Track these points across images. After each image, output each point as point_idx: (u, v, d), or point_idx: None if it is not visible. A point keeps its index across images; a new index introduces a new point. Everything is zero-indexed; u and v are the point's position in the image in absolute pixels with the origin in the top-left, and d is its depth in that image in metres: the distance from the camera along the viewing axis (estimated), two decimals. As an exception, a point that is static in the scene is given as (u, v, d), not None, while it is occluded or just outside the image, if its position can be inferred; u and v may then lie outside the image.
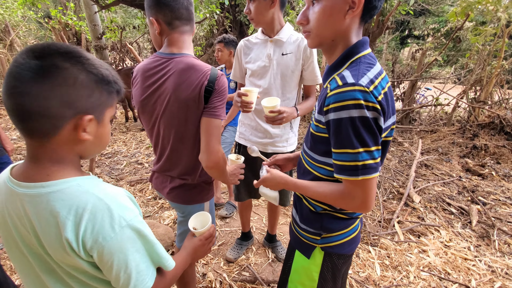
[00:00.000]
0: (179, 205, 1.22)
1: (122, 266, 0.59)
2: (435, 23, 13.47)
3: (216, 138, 1.01)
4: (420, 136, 4.53)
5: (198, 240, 0.92)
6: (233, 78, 1.75)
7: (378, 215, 2.59)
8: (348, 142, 0.71)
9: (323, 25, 0.76)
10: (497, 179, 3.28)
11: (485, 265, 2.04)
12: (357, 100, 0.68)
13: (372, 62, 0.77)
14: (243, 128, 1.75)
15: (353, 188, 0.74)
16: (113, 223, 0.57)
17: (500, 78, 4.40)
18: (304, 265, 0.95)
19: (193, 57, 1.05)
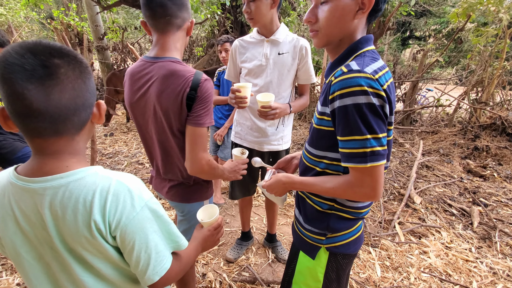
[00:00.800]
0: (178, 203, 1.22)
1: (143, 246, 0.61)
2: (436, 24, 13.45)
3: (200, 146, 1.00)
4: (421, 137, 4.51)
5: (207, 230, 0.93)
6: (227, 77, 1.76)
7: (378, 216, 2.58)
8: (356, 129, 0.70)
9: (333, 25, 0.76)
10: (499, 180, 3.27)
11: (487, 267, 2.02)
12: (362, 86, 0.68)
13: (375, 57, 0.78)
14: (238, 127, 1.76)
15: (361, 176, 0.73)
16: (134, 202, 0.60)
17: (501, 79, 4.39)
18: (309, 265, 0.95)
19: (176, 61, 1.01)
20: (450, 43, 4.78)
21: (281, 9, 5.60)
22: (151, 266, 0.63)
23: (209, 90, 0.99)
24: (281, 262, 2.03)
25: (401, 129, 4.91)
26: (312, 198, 0.93)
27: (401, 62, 10.09)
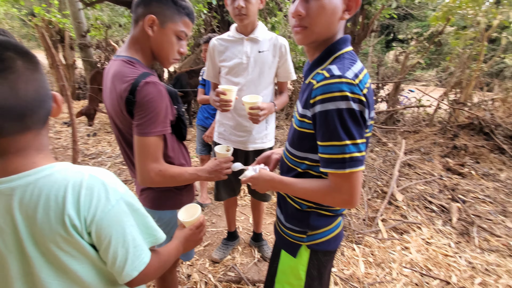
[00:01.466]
0: (148, 210, 1.16)
1: (120, 240, 0.60)
2: (418, 27, 13.88)
3: (146, 157, 0.92)
4: (404, 136, 4.64)
5: (189, 230, 0.91)
6: (206, 77, 1.74)
7: (362, 214, 2.63)
8: (335, 135, 0.71)
9: (324, 23, 0.76)
10: (476, 178, 3.40)
11: (465, 262, 2.10)
12: (343, 92, 0.69)
13: (354, 59, 0.78)
14: (221, 128, 1.74)
15: (340, 181, 0.74)
16: (109, 196, 0.58)
17: (479, 80, 4.57)
18: (291, 264, 0.95)
19: (127, 61, 0.94)
20: (430, 45, 4.95)
21: (267, 9, 5.62)
22: (129, 261, 0.62)
23: (150, 95, 0.88)
24: (267, 261, 2.03)
25: (384, 128, 5.03)
26: (292, 198, 0.94)
27: (385, 64, 10.34)
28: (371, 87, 0.81)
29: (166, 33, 0.95)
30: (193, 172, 1.06)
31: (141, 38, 0.96)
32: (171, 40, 0.96)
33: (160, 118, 0.92)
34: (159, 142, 0.95)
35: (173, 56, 1.00)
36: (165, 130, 0.95)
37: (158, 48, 0.97)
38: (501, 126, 3.91)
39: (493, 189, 3.15)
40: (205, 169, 1.11)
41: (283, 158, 0.98)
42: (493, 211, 2.75)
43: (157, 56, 1.00)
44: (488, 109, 4.34)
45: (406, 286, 1.86)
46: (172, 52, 0.99)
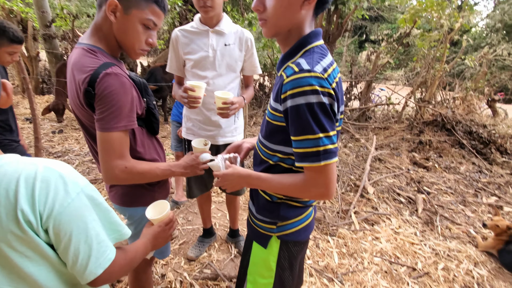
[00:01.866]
0: (119, 207, 1.12)
1: (82, 236, 0.56)
2: (388, 29, 14.54)
3: (110, 153, 0.87)
4: (375, 132, 4.85)
5: (158, 227, 0.88)
6: (169, 70, 1.66)
7: (336, 207, 2.71)
8: (308, 128, 0.71)
9: (281, 15, 0.76)
10: (439, 170, 3.64)
11: (430, 249, 2.24)
12: (313, 86, 0.69)
13: (324, 53, 0.79)
14: (189, 123, 1.70)
15: (315, 174, 0.75)
16: (68, 188, 0.54)
17: (442, 80, 4.89)
18: (262, 256, 0.95)
19: (87, 49, 0.87)
20: (398, 46, 5.20)
21: (244, 5, 5.58)
22: (93, 258, 0.58)
23: (111, 87, 0.82)
24: None
25: (357, 125, 5.22)
26: (264, 190, 0.94)
27: (358, 63, 10.72)
28: (341, 81, 0.83)
29: (131, 20, 0.87)
30: (165, 168, 1.01)
31: (104, 25, 0.89)
32: (136, 28, 0.89)
33: (125, 112, 0.86)
34: (125, 137, 0.89)
35: (140, 47, 0.93)
36: (130, 124, 0.89)
37: (122, 36, 0.90)
38: (461, 122, 4.22)
39: (454, 181, 3.39)
40: (180, 164, 1.06)
41: (256, 149, 0.98)
42: (454, 201, 2.97)
43: (122, 45, 0.93)
44: (449, 107, 4.66)
45: (376, 274, 1.95)
46: (138, 41, 0.91)
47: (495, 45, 12.67)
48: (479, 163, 3.81)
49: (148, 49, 0.97)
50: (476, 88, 4.84)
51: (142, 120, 1.02)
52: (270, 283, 0.94)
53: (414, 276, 1.95)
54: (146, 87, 1.02)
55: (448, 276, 1.97)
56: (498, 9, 14.36)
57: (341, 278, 1.89)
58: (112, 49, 0.94)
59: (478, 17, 14.65)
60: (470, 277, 1.98)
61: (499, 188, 3.27)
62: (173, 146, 2.66)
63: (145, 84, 1.02)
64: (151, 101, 1.04)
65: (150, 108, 1.03)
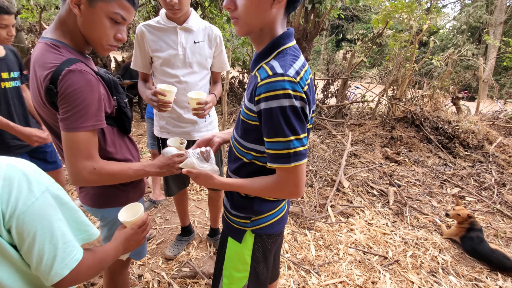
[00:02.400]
0: (90, 208, 1.08)
1: (47, 236, 0.54)
2: (363, 29, 15.02)
3: (76, 155, 0.83)
4: (350, 129, 5.02)
5: (130, 229, 0.86)
6: (133, 67, 1.60)
7: (314, 201, 2.79)
8: (280, 131, 0.73)
9: (252, 13, 0.77)
10: (409, 164, 3.85)
11: (400, 238, 2.38)
12: (286, 90, 0.71)
13: (296, 55, 0.81)
14: (162, 121, 1.67)
15: (286, 175, 0.78)
16: (32, 187, 0.53)
17: (412, 79, 5.14)
18: (237, 250, 0.97)
19: (50, 44, 0.83)
20: (372, 46, 5.40)
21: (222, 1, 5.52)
22: (59, 258, 0.56)
23: (75, 85, 0.78)
24: None
25: (334, 122, 5.37)
26: None
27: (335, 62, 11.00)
28: (312, 82, 0.86)
29: (96, 13, 0.82)
30: (139, 168, 0.98)
31: (68, 18, 0.84)
32: (103, 22, 0.84)
33: (91, 111, 0.82)
34: (92, 137, 0.85)
35: (108, 42, 0.88)
36: (98, 124, 0.86)
37: (87, 31, 0.86)
38: (429, 119, 4.47)
39: (422, 173, 3.61)
40: (155, 164, 1.03)
41: (231, 146, 0.99)
42: (422, 193, 3.16)
43: (88, 40, 0.88)
44: (418, 104, 4.93)
45: (350, 264, 2.04)
46: (105, 36, 0.87)
47: (460, 46, 13.51)
48: (444, 156, 4.07)
49: (117, 44, 0.92)
50: (442, 86, 5.15)
51: (112, 119, 0.99)
52: (245, 277, 0.96)
53: (385, 264, 2.06)
54: (116, 85, 0.98)
55: (415, 262, 2.10)
56: (464, 12, 15.31)
57: (318, 269, 1.95)
58: (78, 44, 0.90)
59: (446, 19, 15.54)
60: (436, 262, 2.13)
61: (462, 180, 3.52)
62: (149, 144, 2.60)
63: (115, 81, 0.98)
64: (122, 99, 1.01)
65: (121, 106, 1.00)
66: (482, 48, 14.29)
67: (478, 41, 15.22)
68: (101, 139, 0.94)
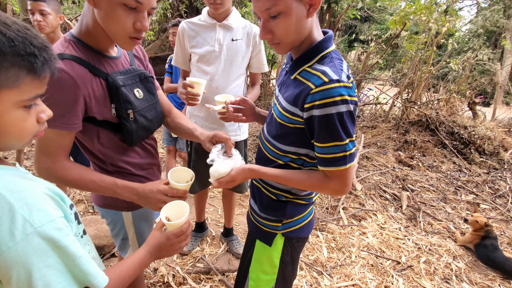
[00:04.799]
0: (94, 204, 1.07)
1: (23, 285, 0.46)
2: (377, 30, 14.80)
3: (37, 148, 0.81)
4: (363, 131, 4.97)
5: (166, 239, 0.75)
6: (175, 63, 1.64)
7: (326, 203, 2.79)
8: (338, 136, 0.75)
9: (293, 33, 0.77)
10: (423, 169, 3.80)
11: (413, 243, 2.35)
12: (343, 96, 0.72)
13: (340, 58, 0.81)
14: (192, 120, 1.67)
15: (339, 176, 0.79)
16: (14, 228, 0.45)
17: (428, 82, 5.06)
18: (266, 253, 0.97)
19: (64, 38, 0.83)
20: (388, 47, 5.32)
21: (237, -1, 5.52)
22: None
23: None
24: (235, 256, 2.00)
25: (346, 123, 5.33)
26: (268, 189, 0.95)
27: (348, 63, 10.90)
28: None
29: (108, 2, 0.76)
30: (106, 185, 0.87)
31: (87, 13, 0.81)
32: (116, 10, 0.76)
33: (57, 111, 0.75)
34: (56, 137, 0.80)
35: (128, 33, 0.81)
36: (64, 126, 0.79)
37: (104, 23, 0.80)
38: (444, 123, 4.40)
39: (436, 179, 3.55)
40: (135, 189, 0.89)
41: (261, 147, 0.99)
42: (436, 199, 3.11)
43: (109, 34, 0.83)
44: (434, 108, 4.84)
45: (363, 267, 2.04)
46: (122, 26, 0.79)
47: (476, 50, 13.19)
48: (459, 162, 4.00)
49: (139, 35, 0.84)
50: (459, 90, 5.05)
51: (113, 125, 0.91)
52: (273, 279, 0.97)
53: (398, 269, 2.05)
54: (117, 91, 0.88)
55: (429, 269, 2.08)
56: (480, 15, 14.93)
57: (330, 271, 1.96)
58: (99, 41, 0.86)
59: (462, 22, 15.18)
60: (449, 269, 2.10)
61: (476, 187, 3.45)
62: (164, 140, 2.63)
63: (117, 88, 0.88)
64: (124, 109, 0.89)
65: (121, 117, 0.90)
66: (498, 53, 13.92)
67: (494, 46, 14.83)
68: (95, 139, 0.91)
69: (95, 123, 0.89)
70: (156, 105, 1.04)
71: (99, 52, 0.88)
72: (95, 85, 0.85)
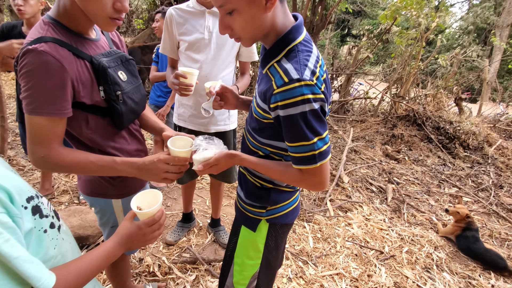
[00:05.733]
0: (81, 193, 1.06)
1: None
2: (369, 24, 14.86)
3: (30, 137, 0.79)
4: (352, 125, 5.03)
5: (137, 228, 0.73)
6: (162, 51, 1.59)
7: (313, 195, 2.82)
8: (303, 135, 0.73)
9: (250, 28, 0.75)
10: (409, 163, 3.88)
11: (396, 234, 2.42)
12: (305, 95, 0.70)
13: (309, 49, 0.77)
14: (181, 109, 1.65)
15: (312, 173, 0.78)
16: None
17: (416, 77, 5.13)
18: (250, 238, 0.99)
19: (42, 21, 0.81)
20: (379, 42, 5.36)
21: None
22: None
23: (30, 66, 0.72)
24: (222, 246, 2.01)
25: (336, 117, 5.37)
26: (252, 176, 0.96)
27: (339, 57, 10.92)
28: (327, 75, 0.84)
29: None
30: (106, 164, 0.86)
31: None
32: None
33: (47, 97, 0.74)
34: (48, 124, 0.78)
35: (107, 14, 0.79)
36: (56, 113, 0.77)
37: (82, 3, 0.78)
38: (431, 118, 4.49)
39: (421, 172, 3.64)
40: (135, 164, 0.87)
41: (244, 138, 0.99)
42: (420, 191, 3.19)
43: (87, 14, 0.81)
44: (421, 103, 4.93)
45: (347, 257, 2.08)
46: (101, 7, 0.78)
47: (466, 46, 13.41)
48: (444, 156, 4.10)
49: (119, 16, 0.82)
50: (446, 86, 5.14)
51: (101, 110, 0.90)
52: (257, 264, 0.99)
53: (381, 258, 2.10)
54: (104, 74, 0.86)
55: (411, 258, 2.14)
56: (471, 12, 15.14)
57: (315, 260, 1.99)
58: (77, 23, 0.83)
59: (453, 19, 15.37)
60: (430, 259, 2.17)
61: (460, 180, 3.56)
62: (152, 130, 2.60)
63: (104, 70, 0.86)
64: (113, 91, 0.88)
65: (110, 99, 0.88)
66: (487, 50, 14.21)
67: (484, 43, 15.12)
68: (83, 125, 0.89)
69: (83, 108, 0.87)
70: (140, 88, 1.03)
71: (79, 34, 0.86)
72: (80, 68, 0.82)
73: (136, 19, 6.40)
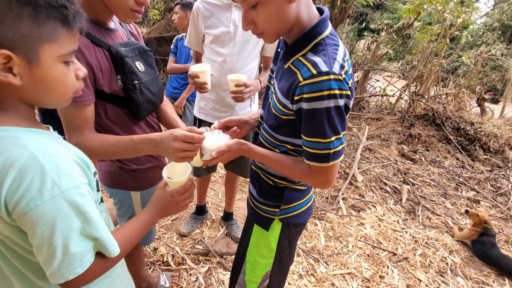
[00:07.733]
0: (102, 184, 1.08)
1: (45, 241, 0.49)
2: (389, 19, 14.36)
3: (65, 128, 0.83)
4: (367, 123, 4.92)
5: (170, 196, 0.77)
6: (187, 44, 1.60)
7: (326, 192, 2.80)
8: (322, 132, 0.71)
9: (276, 22, 0.72)
10: (425, 163, 3.77)
11: (410, 236, 2.37)
12: (332, 90, 0.68)
13: (336, 42, 0.75)
14: (202, 102, 1.66)
15: (322, 171, 0.77)
16: (43, 188, 0.48)
17: (438, 75, 4.95)
18: (263, 237, 0.98)
19: None
20: (399, 37, 5.17)
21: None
22: (55, 266, 0.51)
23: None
24: (234, 240, 2.03)
25: (351, 114, 5.27)
26: (266, 175, 0.95)
27: (355, 52, 10.65)
28: (353, 72, 0.81)
29: None
30: (126, 144, 0.85)
31: None
32: None
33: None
34: (74, 111, 0.81)
35: (128, 5, 0.81)
36: (80, 101, 0.79)
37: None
38: (451, 118, 4.33)
39: (437, 174, 3.54)
40: (152, 139, 0.84)
41: (259, 136, 0.97)
42: (436, 194, 3.11)
43: (109, 6, 0.83)
44: (441, 102, 4.76)
45: (359, 257, 2.06)
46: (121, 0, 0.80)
47: (490, 44, 12.81)
48: (462, 158, 3.97)
49: (140, 9, 0.84)
50: (469, 85, 4.94)
51: (120, 99, 0.91)
52: (270, 263, 0.98)
53: (394, 260, 2.07)
54: (122, 63, 0.87)
55: (424, 261, 2.10)
56: (497, 8, 14.39)
57: (327, 259, 1.99)
58: (98, 13, 0.85)
59: (477, 15, 14.66)
60: (445, 263, 2.13)
61: (478, 184, 3.44)
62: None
63: (122, 59, 0.87)
64: (130, 80, 0.89)
65: (127, 88, 0.89)
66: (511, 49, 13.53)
67: (509, 41, 14.39)
68: (102, 115, 0.91)
69: (102, 97, 0.88)
70: (157, 79, 1.03)
71: (98, 23, 0.87)
72: (99, 56, 0.84)
73: (152, 10, 6.41)
